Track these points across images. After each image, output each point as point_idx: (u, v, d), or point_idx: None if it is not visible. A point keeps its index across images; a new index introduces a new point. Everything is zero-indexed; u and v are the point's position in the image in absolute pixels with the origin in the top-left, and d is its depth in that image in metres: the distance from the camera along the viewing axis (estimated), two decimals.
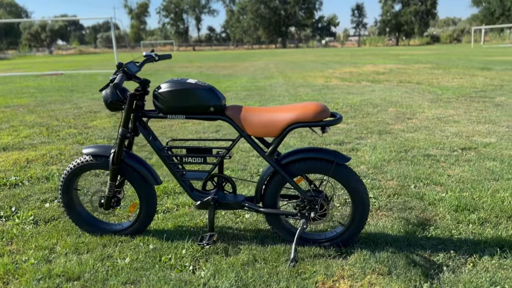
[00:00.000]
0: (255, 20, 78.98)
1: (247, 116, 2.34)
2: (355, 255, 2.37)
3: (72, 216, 2.73)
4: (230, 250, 2.49)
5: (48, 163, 4.44)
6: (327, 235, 2.52)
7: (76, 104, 8.81)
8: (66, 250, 2.55)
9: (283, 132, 2.30)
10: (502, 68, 14.77)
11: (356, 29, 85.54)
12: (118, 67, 2.32)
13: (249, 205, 2.50)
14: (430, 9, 69.07)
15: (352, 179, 2.35)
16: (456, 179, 3.55)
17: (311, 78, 13.01)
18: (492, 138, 4.94)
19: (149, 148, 4.70)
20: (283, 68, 18.30)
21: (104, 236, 2.71)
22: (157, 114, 2.44)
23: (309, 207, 2.41)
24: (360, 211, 2.40)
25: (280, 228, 2.53)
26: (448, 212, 2.91)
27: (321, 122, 2.24)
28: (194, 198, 2.56)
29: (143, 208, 2.65)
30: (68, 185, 2.66)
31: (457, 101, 7.83)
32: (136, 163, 2.57)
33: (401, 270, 2.20)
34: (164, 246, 2.55)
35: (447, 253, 2.37)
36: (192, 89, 2.32)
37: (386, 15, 72.13)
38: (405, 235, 2.59)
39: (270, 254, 2.41)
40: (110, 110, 2.47)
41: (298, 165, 2.38)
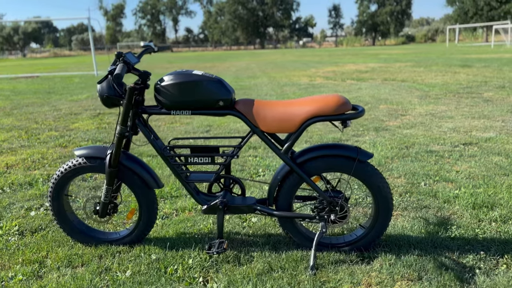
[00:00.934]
0: (233, 21, 78.70)
1: (260, 110, 2.13)
2: (379, 259, 2.19)
3: (63, 225, 2.47)
4: (242, 258, 2.27)
5: (30, 168, 4.12)
6: (346, 239, 2.33)
7: (55, 106, 8.42)
8: (58, 263, 2.29)
9: (301, 127, 2.10)
10: (481, 65, 14.97)
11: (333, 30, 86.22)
12: (118, 57, 2.08)
13: (262, 208, 2.29)
14: (405, 9, 70.20)
15: (375, 177, 2.17)
16: (465, 175, 3.42)
17: (295, 78, 12.87)
18: (491, 132, 4.86)
19: (146, 149, 4.43)
20: (265, 68, 18.13)
21: (100, 246, 2.45)
22: (159, 110, 2.20)
23: (328, 209, 2.22)
24: (384, 212, 2.22)
25: (295, 232, 2.33)
26: (465, 209, 2.76)
27: (343, 115, 2.05)
28: (200, 202, 2.33)
29: (143, 214, 2.41)
30: (58, 191, 2.39)
31: (446, 97, 7.80)
32: (135, 165, 2.32)
33: (432, 275, 2.03)
34: (168, 256, 2.31)
35: (476, 254, 2.21)
36: (199, 81, 2.09)
37: (363, 16, 72.99)
38: (427, 236, 2.43)
39: (287, 261, 2.20)
40: (106, 106, 2.22)
41: (315, 163, 2.18)
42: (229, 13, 78.27)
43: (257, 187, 3.30)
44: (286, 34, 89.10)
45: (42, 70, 22.59)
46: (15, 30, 79.90)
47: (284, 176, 2.24)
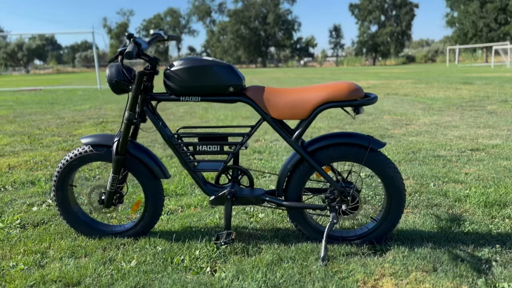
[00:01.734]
0: (235, 40, 79.58)
1: (271, 96, 2.10)
2: (392, 252, 2.13)
3: (67, 216, 2.41)
4: (250, 250, 2.20)
5: (32, 169, 4.07)
6: (358, 232, 2.27)
7: (58, 115, 8.41)
8: (61, 254, 2.22)
9: (313, 113, 2.06)
10: (482, 82, 15.03)
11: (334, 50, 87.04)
12: (129, 38, 2.06)
13: (271, 199, 2.24)
14: (405, 30, 71.01)
15: (388, 166, 2.12)
16: (475, 177, 3.37)
17: None
18: (497, 140, 4.83)
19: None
20: (268, 83, 18.22)
21: (104, 238, 2.39)
22: (168, 96, 2.17)
23: (339, 199, 2.16)
24: (397, 204, 2.17)
25: (305, 224, 2.27)
26: (477, 207, 2.71)
27: (355, 101, 2.02)
28: (208, 192, 2.28)
29: (149, 205, 2.35)
30: (63, 180, 2.34)
31: (449, 109, 7.79)
32: (142, 154, 2.28)
33: (448, 266, 1.97)
34: (174, 248, 2.25)
35: (492, 247, 2.15)
36: (209, 66, 2.07)
37: (363, 36, 73.78)
38: (440, 231, 2.36)
39: (296, 253, 2.14)
40: (114, 91, 2.19)
41: (327, 151, 2.14)
42: (231, 33, 79.21)
43: (266, 181, 3.25)
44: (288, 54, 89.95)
45: (45, 84, 22.71)
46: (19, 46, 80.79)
47: (295, 166, 2.19)
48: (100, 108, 9.43)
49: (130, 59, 1.93)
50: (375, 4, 70.26)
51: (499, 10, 47.37)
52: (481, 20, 48.77)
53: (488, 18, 48.13)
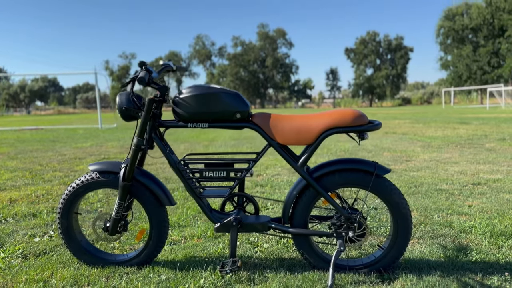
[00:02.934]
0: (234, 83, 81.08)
1: (277, 123, 2.14)
2: (400, 280, 2.10)
3: (71, 244, 2.38)
4: (256, 278, 2.17)
5: (34, 202, 4.05)
6: (364, 261, 2.25)
7: (59, 152, 8.44)
8: (63, 283, 2.18)
9: (318, 138, 2.10)
10: (479, 122, 15.23)
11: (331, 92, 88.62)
12: (140, 65, 2.13)
13: (277, 226, 2.23)
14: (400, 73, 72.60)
15: (394, 192, 2.14)
16: (478, 209, 3.37)
17: None
18: (498, 175, 4.85)
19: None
20: None
21: (107, 267, 2.35)
22: (176, 123, 2.22)
23: (346, 226, 2.16)
24: (404, 231, 2.16)
25: (311, 252, 2.25)
26: (483, 237, 2.69)
27: (360, 127, 2.06)
28: (213, 219, 2.28)
29: (154, 233, 2.34)
30: (69, 207, 2.34)
31: (448, 147, 7.86)
32: (148, 180, 2.29)
33: None
34: (178, 276, 2.21)
35: (501, 275, 2.12)
36: (217, 94, 2.13)
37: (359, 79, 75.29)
38: (447, 260, 2.34)
39: (303, 281, 2.11)
40: (124, 118, 2.24)
41: (332, 177, 2.16)
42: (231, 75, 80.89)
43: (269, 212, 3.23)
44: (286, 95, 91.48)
45: (46, 124, 22.91)
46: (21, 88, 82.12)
47: (300, 192, 2.20)
48: (101, 146, 9.48)
49: (142, 85, 1.99)
50: (370, 49, 72.24)
51: (491, 54, 48.79)
52: (474, 63, 50.10)
53: (481, 61, 49.47)
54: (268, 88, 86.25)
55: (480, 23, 48.78)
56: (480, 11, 48.82)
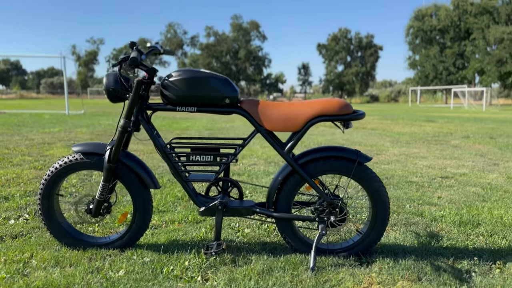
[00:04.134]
0: None
1: (265, 109, 2.19)
2: (378, 263, 2.20)
3: (51, 226, 2.35)
4: (240, 260, 2.22)
5: (4, 185, 3.94)
6: (344, 245, 2.34)
7: (26, 136, 8.18)
8: (44, 264, 2.16)
9: (305, 126, 2.16)
10: (444, 121, 15.81)
11: (302, 87, 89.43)
12: (131, 46, 2.11)
13: (261, 210, 2.28)
14: (369, 71, 74.05)
15: (374, 180, 2.23)
16: (447, 200, 3.54)
17: None
18: (464, 169, 5.09)
19: None
20: None
21: (88, 250, 2.34)
22: (164, 106, 2.22)
23: (328, 211, 2.24)
24: (382, 217, 2.26)
25: (294, 237, 2.31)
26: (453, 226, 2.84)
27: (345, 115, 2.14)
28: (198, 203, 2.30)
29: (137, 216, 2.34)
30: (50, 188, 2.30)
31: (416, 143, 8.14)
32: (133, 163, 2.29)
33: (431, 276, 2.05)
34: (162, 259, 2.23)
35: (470, 260, 2.26)
36: (207, 78, 2.15)
37: (330, 75, 76.29)
38: (421, 246, 2.47)
39: (286, 263, 2.17)
40: (110, 100, 2.22)
41: (317, 164, 2.23)
42: (203, 66, 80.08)
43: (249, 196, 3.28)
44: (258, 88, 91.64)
45: (9, 108, 22.05)
46: None
47: (285, 178, 2.26)
48: (71, 132, 9.25)
49: (134, 66, 1.99)
50: (342, 45, 73.24)
51: (457, 55, 50.54)
52: (441, 64, 51.75)
53: (447, 62, 51.16)
54: (240, 80, 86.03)
55: (448, 25, 50.40)
56: (448, 13, 50.38)
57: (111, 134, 8.82)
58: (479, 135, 9.91)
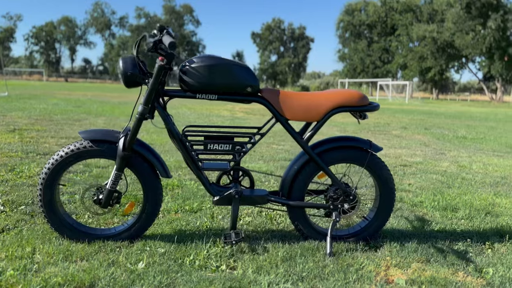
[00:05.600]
0: None
1: (286, 99, 2.20)
2: (386, 247, 2.33)
3: (52, 218, 2.19)
4: (258, 249, 2.23)
5: None
6: (350, 231, 2.44)
7: None
8: (52, 259, 2.01)
9: (325, 116, 2.22)
10: (376, 112, 16.77)
11: None
12: (161, 30, 2.01)
13: (276, 199, 2.31)
14: (301, 62, 76.04)
15: (384, 168, 2.35)
16: (418, 187, 3.80)
17: (215, 111, 13.05)
18: (418, 158, 5.48)
19: None
20: (179, 101, 18.06)
21: (93, 243, 2.21)
22: (183, 93, 2.15)
23: (342, 199, 2.32)
24: (388, 203, 2.39)
25: (306, 224, 2.37)
26: (434, 211, 3.07)
27: (363, 107, 2.22)
28: (213, 192, 2.27)
29: (147, 206, 2.26)
30: (53, 177, 2.14)
31: (362, 132, 8.57)
32: (146, 151, 2.20)
33: (438, 258, 2.22)
34: (178, 249, 2.18)
35: (464, 241, 2.48)
36: (231, 65, 2.11)
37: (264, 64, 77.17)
38: (415, 230, 2.65)
39: (303, 250, 2.23)
40: (126, 85, 2.10)
41: (333, 153, 2.30)
42: None
43: None
44: None
45: None
46: None
47: (301, 166, 2.30)
48: (5, 116, 8.49)
49: (175, 48, 1.90)
50: (275, 35, 74.27)
51: (383, 50, 53.56)
52: (368, 57, 54.56)
53: (374, 56, 54.06)
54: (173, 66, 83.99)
55: (376, 21, 53.13)
56: (375, 9, 53.08)
57: (51, 119, 8.25)
58: (414, 126, 10.67)
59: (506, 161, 5.59)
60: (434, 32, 41.65)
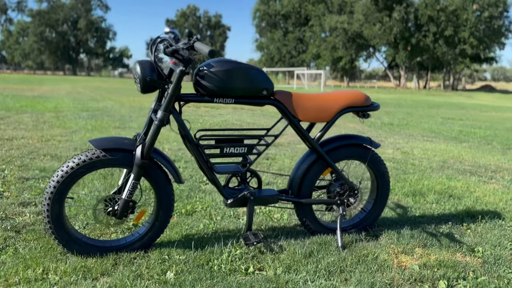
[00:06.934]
0: (39, 44, 71.19)
1: (299, 101, 2.27)
2: (385, 236, 2.52)
3: (61, 234, 2.04)
4: (276, 248, 2.29)
5: None
6: (351, 222, 2.60)
7: None
8: (70, 277, 1.89)
9: (335, 116, 2.32)
10: None
11: None
12: (190, 35, 1.95)
13: (287, 198, 2.38)
14: (219, 51, 75.76)
15: (381, 164, 2.52)
16: None
17: (147, 103, 12.59)
18: None
19: None
20: (99, 92, 17.10)
21: (106, 256, 2.10)
22: (200, 97, 2.11)
23: (348, 194, 2.46)
24: (384, 195, 2.58)
25: (313, 220, 2.48)
26: (405, 197, 3.36)
27: (368, 107, 2.36)
28: (227, 195, 2.28)
29: (160, 213, 2.20)
30: (63, 191, 1.99)
31: None
32: (161, 158, 2.13)
33: (433, 242, 2.46)
34: (198, 255, 2.16)
35: (445, 224, 2.76)
36: (247, 69, 2.12)
37: None
38: (401, 217, 2.89)
39: (314, 246, 2.33)
40: (143, 90, 2.01)
41: (339, 151, 2.42)
42: (34, 35, 70.65)
43: None
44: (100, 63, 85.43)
45: None
46: None
47: (310, 165, 2.39)
48: None
49: (213, 57, 1.85)
50: (191, 23, 73.05)
51: (298, 40, 55.40)
52: (284, 47, 56.08)
53: (290, 46, 55.70)
54: (80, 53, 78.85)
55: (290, 11, 54.64)
56: (290, 0, 54.51)
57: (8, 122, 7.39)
58: None
59: (438, 145, 6.21)
60: (345, 23, 44.05)
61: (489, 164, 4.89)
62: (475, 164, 4.83)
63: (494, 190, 3.67)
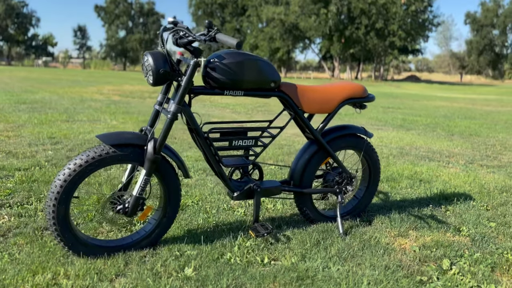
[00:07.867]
0: None
1: (304, 93, 2.30)
2: (377, 220, 2.65)
3: (67, 236, 1.92)
4: (283, 238, 2.32)
5: None
6: (344, 210, 2.70)
7: None
8: (87, 280, 1.79)
9: (336, 108, 2.38)
10: None
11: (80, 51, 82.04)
12: (210, 26, 1.88)
13: (289, 188, 2.42)
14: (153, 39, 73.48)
15: (373, 152, 2.64)
16: (350, 162, 4.27)
17: (86, 94, 11.95)
18: None
19: None
20: (29, 83, 15.94)
21: (114, 256, 2.02)
22: (210, 90, 2.07)
23: (346, 182, 2.54)
24: (375, 182, 2.71)
25: (312, 209, 2.54)
26: (382, 183, 3.54)
27: (366, 98, 2.46)
28: (233, 188, 2.27)
29: (169, 209, 2.14)
30: (70, 190, 1.87)
31: (252, 112, 8.96)
32: (170, 153, 2.07)
33: (421, 224, 2.63)
34: (209, 250, 2.13)
35: (426, 207, 2.96)
36: (257, 61, 2.11)
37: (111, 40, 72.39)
38: (384, 202, 3.04)
39: (319, 234, 2.39)
40: (155, 82, 1.92)
41: (339, 141, 2.49)
42: None
43: None
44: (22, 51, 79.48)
45: None
46: None
47: (311, 155, 2.44)
48: None
49: (240, 48, 1.81)
50: (122, 9, 70.03)
51: (235, 30, 55.20)
52: None
53: None
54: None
55: (227, 0, 54.27)
56: None
57: None
58: None
59: (390, 133, 6.57)
60: (282, 15, 44.64)
61: (442, 150, 5.28)
62: (429, 150, 5.19)
63: (456, 173, 3.97)
